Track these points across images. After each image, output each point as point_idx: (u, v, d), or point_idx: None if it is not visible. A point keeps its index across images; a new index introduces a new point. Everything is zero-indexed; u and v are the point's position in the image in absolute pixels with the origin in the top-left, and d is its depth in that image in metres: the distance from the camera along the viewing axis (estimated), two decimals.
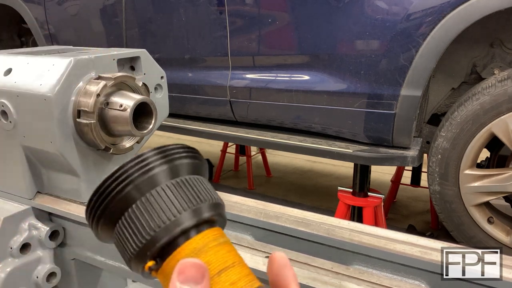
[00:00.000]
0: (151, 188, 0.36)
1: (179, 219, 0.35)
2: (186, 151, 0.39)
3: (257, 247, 0.87)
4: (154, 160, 0.37)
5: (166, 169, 0.36)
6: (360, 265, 0.88)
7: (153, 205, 0.35)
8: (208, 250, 0.35)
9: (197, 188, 0.37)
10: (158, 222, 0.34)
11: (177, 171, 0.37)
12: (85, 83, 0.99)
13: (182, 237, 0.35)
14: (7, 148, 1.09)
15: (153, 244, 0.34)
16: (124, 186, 0.35)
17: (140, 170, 0.36)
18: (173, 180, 0.36)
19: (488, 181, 1.74)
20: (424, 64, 1.67)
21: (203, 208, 0.36)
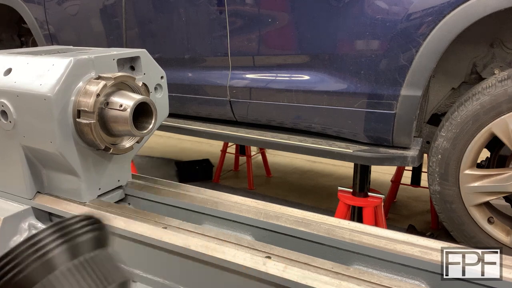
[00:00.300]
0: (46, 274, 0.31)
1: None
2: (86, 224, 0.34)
3: (257, 247, 0.87)
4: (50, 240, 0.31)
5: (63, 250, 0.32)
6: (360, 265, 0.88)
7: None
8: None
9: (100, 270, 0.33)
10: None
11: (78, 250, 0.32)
12: (85, 83, 0.99)
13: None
14: (7, 148, 1.09)
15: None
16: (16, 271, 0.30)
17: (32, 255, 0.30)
18: (77, 260, 0.32)
19: (488, 181, 1.74)
20: (424, 64, 1.67)
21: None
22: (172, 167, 3.80)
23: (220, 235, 0.91)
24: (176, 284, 0.96)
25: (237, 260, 0.84)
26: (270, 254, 0.84)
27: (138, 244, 0.98)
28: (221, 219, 1.08)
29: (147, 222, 0.99)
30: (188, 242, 0.90)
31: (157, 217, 1.02)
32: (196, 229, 0.95)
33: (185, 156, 4.20)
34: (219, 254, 0.86)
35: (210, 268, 0.89)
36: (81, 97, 0.98)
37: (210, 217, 1.10)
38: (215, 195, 1.14)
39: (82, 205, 1.08)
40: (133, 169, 2.42)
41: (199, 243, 0.89)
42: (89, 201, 1.10)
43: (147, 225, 0.97)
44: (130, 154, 1.19)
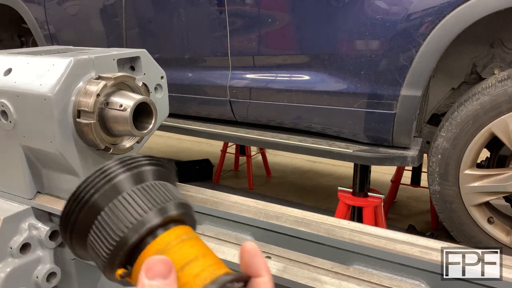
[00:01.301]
0: (116, 195, 0.37)
1: (144, 219, 0.36)
2: (149, 159, 0.40)
3: None
4: (115, 170, 0.38)
5: (128, 177, 0.38)
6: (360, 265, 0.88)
7: (120, 210, 0.36)
8: (171, 248, 0.36)
9: (161, 191, 0.39)
10: (125, 224, 0.36)
11: (141, 178, 0.39)
12: (85, 83, 0.99)
13: (149, 237, 0.37)
14: (7, 148, 1.09)
15: (122, 247, 0.36)
16: (88, 198, 0.36)
17: (102, 180, 0.37)
18: (138, 186, 0.38)
19: (488, 181, 1.74)
20: (424, 64, 1.67)
21: (167, 207, 0.38)
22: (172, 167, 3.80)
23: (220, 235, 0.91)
24: None
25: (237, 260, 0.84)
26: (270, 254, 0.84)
27: None
28: (221, 219, 1.08)
29: None
30: None
31: None
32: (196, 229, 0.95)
33: (185, 156, 4.20)
34: (219, 254, 0.86)
35: None
36: (81, 97, 0.98)
37: (210, 217, 1.10)
38: (215, 195, 1.14)
39: None
40: None
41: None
42: None
43: None
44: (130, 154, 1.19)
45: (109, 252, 0.36)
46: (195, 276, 0.35)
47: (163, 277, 0.33)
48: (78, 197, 0.37)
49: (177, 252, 0.36)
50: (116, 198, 0.37)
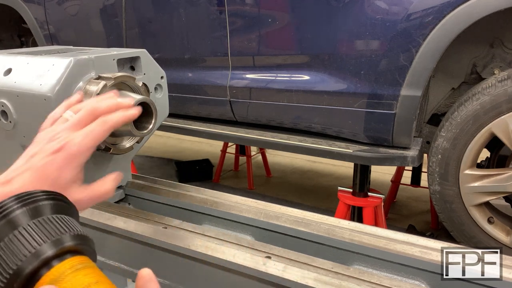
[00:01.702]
0: (11, 231, 0.38)
1: (38, 251, 0.37)
2: (46, 194, 0.42)
3: (257, 247, 0.87)
4: (10, 205, 0.39)
5: (23, 212, 0.39)
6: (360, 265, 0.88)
7: (14, 244, 0.37)
8: (64, 278, 0.37)
9: (58, 224, 0.39)
10: (18, 257, 0.37)
11: (38, 213, 0.40)
12: (85, 83, 0.99)
13: (44, 268, 0.37)
14: (7, 148, 1.09)
15: (15, 279, 0.36)
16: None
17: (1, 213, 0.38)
18: (34, 220, 0.39)
19: (488, 181, 1.74)
20: (424, 64, 1.67)
21: (62, 239, 0.38)
22: (172, 167, 3.80)
23: (220, 235, 0.91)
24: (176, 284, 0.96)
25: (237, 260, 0.84)
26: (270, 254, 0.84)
27: (138, 244, 0.98)
28: (221, 219, 1.08)
29: (147, 222, 0.99)
30: (188, 242, 0.90)
31: (157, 217, 1.02)
32: (196, 229, 0.95)
33: (185, 156, 4.20)
34: (219, 254, 0.86)
35: (210, 268, 0.89)
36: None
37: (210, 217, 1.10)
38: (215, 195, 1.14)
39: None
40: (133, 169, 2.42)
41: (199, 243, 0.89)
42: None
43: (147, 225, 0.97)
44: (130, 154, 1.19)
45: (3, 285, 0.37)
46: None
47: None
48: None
49: (70, 281, 0.37)
50: (12, 233, 0.38)
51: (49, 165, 0.52)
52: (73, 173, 0.54)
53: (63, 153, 0.54)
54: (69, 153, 0.54)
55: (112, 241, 1.02)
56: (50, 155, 0.53)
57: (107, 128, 0.58)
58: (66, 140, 0.55)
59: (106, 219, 1.02)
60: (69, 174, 0.54)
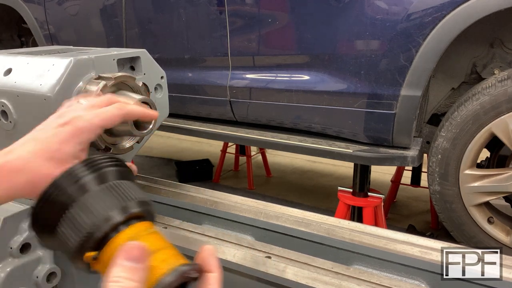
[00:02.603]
0: (82, 194, 0.42)
1: (109, 217, 0.41)
2: (111, 160, 0.46)
3: (257, 247, 0.87)
4: (82, 170, 0.43)
5: (94, 177, 0.43)
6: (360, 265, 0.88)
7: (86, 208, 0.41)
8: (140, 238, 0.41)
9: (123, 190, 0.44)
10: (92, 220, 0.41)
11: (105, 178, 0.44)
12: (85, 83, 0.99)
13: (113, 232, 0.42)
14: None
15: (89, 239, 0.41)
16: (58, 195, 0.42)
17: (70, 180, 0.42)
18: (102, 185, 0.43)
19: (488, 181, 1.74)
20: (424, 64, 1.67)
21: (129, 205, 0.43)
22: (172, 167, 3.80)
23: (220, 235, 0.91)
24: None
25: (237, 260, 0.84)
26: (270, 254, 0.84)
27: None
28: (221, 219, 1.08)
29: None
30: (188, 242, 0.90)
31: (157, 217, 1.02)
32: (196, 229, 0.95)
33: (185, 156, 4.20)
34: (219, 254, 0.86)
35: None
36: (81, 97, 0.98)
37: (210, 217, 1.10)
38: (215, 195, 1.14)
39: None
40: None
41: (199, 243, 0.90)
42: None
43: None
44: (130, 154, 1.19)
45: (77, 244, 0.41)
46: (163, 261, 0.40)
47: (137, 261, 0.38)
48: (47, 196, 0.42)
49: (147, 240, 0.41)
50: (83, 197, 0.42)
51: (52, 137, 0.51)
52: (75, 148, 0.52)
53: (69, 127, 0.52)
54: (75, 127, 0.52)
55: None
56: (56, 128, 0.52)
57: (121, 113, 0.56)
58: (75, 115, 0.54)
59: None
60: (71, 148, 0.51)
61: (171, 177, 3.56)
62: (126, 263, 0.38)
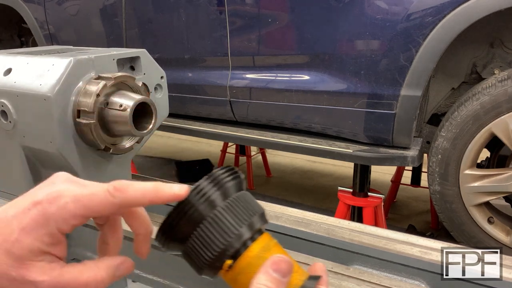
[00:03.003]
0: (211, 210, 0.44)
1: (239, 234, 0.44)
2: (230, 173, 0.47)
3: None
4: (209, 188, 0.45)
5: (220, 194, 0.45)
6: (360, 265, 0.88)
7: (219, 224, 0.44)
8: (268, 251, 0.44)
9: (245, 203, 0.46)
10: (225, 237, 0.43)
11: (228, 193, 0.46)
12: (85, 83, 0.99)
13: (242, 247, 0.44)
14: (7, 148, 1.09)
15: (221, 257, 0.43)
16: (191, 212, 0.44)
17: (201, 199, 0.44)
18: (228, 200, 0.45)
19: (488, 181, 1.74)
20: (424, 64, 1.67)
21: (254, 221, 0.45)
22: (172, 167, 3.80)
23: None
24: (176, 284, 0.96)
25: None
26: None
27: None
28: None
29: None
30: None
31: (157, 217, 1.02)
32: None
33: (185, 156, 4.20)
34: None
35: None
36: (81, 97, 0.98)
37: None
38: None
39: None
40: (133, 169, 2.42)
41: None
42: None
43: None
44: (130, 154, 1.19)
45: (211, 259, 0.43)
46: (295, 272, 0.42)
47: (284, 274, 0.40)
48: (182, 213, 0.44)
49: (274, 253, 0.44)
50: (212, 213, 0.44)
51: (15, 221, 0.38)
52: (39, 242, 0.38)
53: (35, 210, 0.38)
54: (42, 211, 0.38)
55: None
56: (25, 207, 0.38)
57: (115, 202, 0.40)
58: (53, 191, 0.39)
59: None
60: (32, 241, 0.38)
61: (171, 177, 3.56)
62: (273, 273, 0.39)
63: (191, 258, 0.45)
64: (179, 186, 0.42)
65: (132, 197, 0.41)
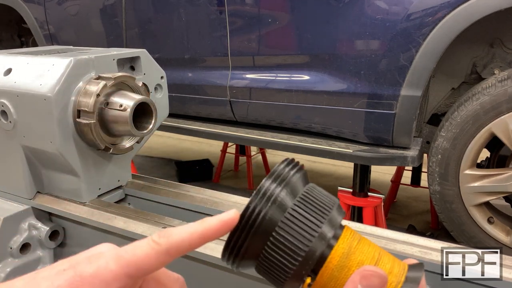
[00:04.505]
0: (281, 213, 0.37)
1: (321, 234, 0.37)
2: (293, 166, 0.41)
3: None
4: (273, 188, 0.38)
5: (287, 192, 0.38)
6: None
7: (295, 228, 0.37)
8: (355, 251, 0.38)
9: (318, 197, 0.39)
10: (304, 243, 0.36)
11: (295, 188, 0.39)
12: (85, 83, 0.99)
13: (327, 249, 0.37)
14: (7, 148, 1.09)
15: (306, 263, 0.37)
16: (259, 223, 0.37)
17: (267, 202, 0.37)
18: (298, 198, 0.38)
19: (488, 181, 1.74)
20: (424, 64, 1.67)
21: (334, 215, 0.38)
22: (172, 167, 3.80)
23: None
24: None
25: None
26: None
27: None
28: None
29: (147, 222, 0.99)
30: None
31: (157, 217, 1.02)
32: None
33: (185, 156, 4.20)
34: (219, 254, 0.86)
35: (210, 268, 0.89)
36: (81, 97, 0.98)
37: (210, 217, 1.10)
38: (215, 195, 1.14)
39: (82, 205, 1.08)
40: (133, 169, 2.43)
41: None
42: (89, 201, 1.10)
43: (147, 225, 0.97)
44: (130, 154, 1.19)
45: (292, 271, 0.37)
46: (390, 273, 0.36)
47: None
48: (246, 223, 0.38)
49: (362, 254, 0.37)
50: (284, 217, 0.37)
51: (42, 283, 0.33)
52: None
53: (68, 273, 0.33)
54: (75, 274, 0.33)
55: (112, 241, 1.02)
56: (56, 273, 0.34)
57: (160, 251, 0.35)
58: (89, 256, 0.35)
59: (106, 219, 1.02)
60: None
61: (171, 177, 3.56)
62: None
63: (269, 273, 0.38)
64: (226, 213, 0.38)
65: (179, 240, 0.36)
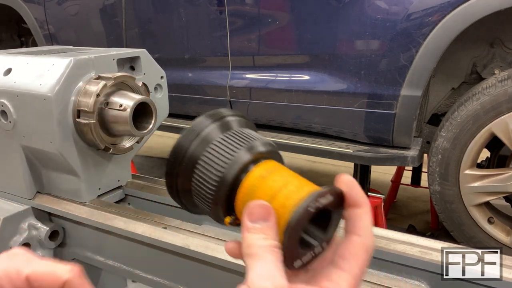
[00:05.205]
0: (207, 145, 0.41)
1: (236, 158, 0.40)
2: (232, 113, 0.45)
3: None
4: (204, 122, 0.42)
5: (216, 127, 0.42)
6: None
7: (214, 155, 0.40)
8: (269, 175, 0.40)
9: (246, 134, 0.42)
10: (221, 165, 0.40)
11: (227, 125, 0.43)
12: (85, 83, 0.99)
13: (243, 173, 0.40)
14: (7, 148, 1.09)
15: (222, 185, 0.40)
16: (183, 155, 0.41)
17: (194, 133, 0.41)
18: (226, 133, 0.42)
19: (488, 181, 1.74)
20: (424, 64, 1.67)
21: (254, 145, 0.41)
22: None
23: (220, 235, 0.91)
24: (176, 284, 0.96)
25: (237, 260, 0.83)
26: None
27: (138, 244, 0.98)
28: None
29: (147, 222, 0.99)
30: (188, 242, 0.90)
31: (157, 217, 1.02)
32: (196, 229, 0.95)
33: None
34: (219, 254, 0.86)
35: (210, 268, 0.89)
36: (81, 97, 0.98)
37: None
38: None
39: (82, 205, 1.08)
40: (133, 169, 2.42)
41: (199, 243, 0.89)
42: (89, 201, 1.10)
43: (147, 225, 0.97)
44: (130, 154, 1.19)
45: (211, 197, 0.40)
46: (287, 198, 0.38)
47: (263, 219, 0.37)
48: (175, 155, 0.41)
49: (270, 182, 0.39)
50: (208, 146, 0.41)
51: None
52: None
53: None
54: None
55: (112, 241, 1.02)
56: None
57: None
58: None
59: (106, 219, 1.02)
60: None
61: None
62: (252, 224, 0.37)
63: (201, 204, 0.42)
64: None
65: None
